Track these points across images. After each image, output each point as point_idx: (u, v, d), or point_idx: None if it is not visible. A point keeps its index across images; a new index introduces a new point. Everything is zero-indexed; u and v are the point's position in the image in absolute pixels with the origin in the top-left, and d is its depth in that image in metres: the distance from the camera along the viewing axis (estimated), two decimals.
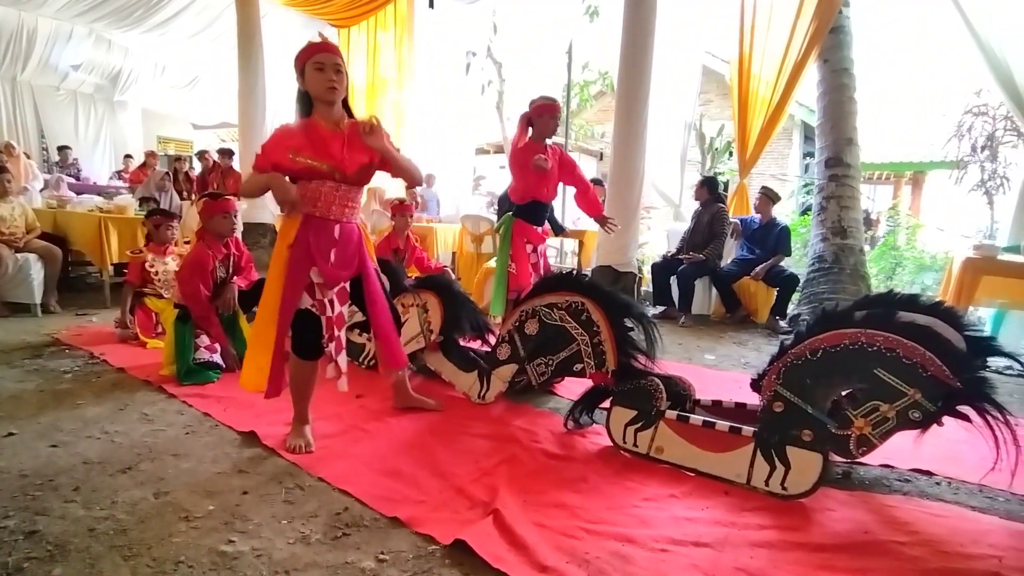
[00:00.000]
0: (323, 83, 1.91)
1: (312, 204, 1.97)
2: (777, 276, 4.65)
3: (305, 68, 1.92)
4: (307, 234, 1.96)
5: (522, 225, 3.07)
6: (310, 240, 1.96)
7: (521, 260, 3.04)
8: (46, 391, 2.59)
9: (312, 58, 1.91)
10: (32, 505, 1.65)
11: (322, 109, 1.96)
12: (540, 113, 2.95)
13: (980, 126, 7.36)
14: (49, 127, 8.97)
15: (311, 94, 1.94)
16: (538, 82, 7.85)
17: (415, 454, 2.06)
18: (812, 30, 4.84)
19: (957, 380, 1.70)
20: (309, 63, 1.91)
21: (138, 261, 3.56)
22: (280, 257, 1.98)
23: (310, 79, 1.91)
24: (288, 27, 7.86)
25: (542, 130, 2.98)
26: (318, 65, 1.90)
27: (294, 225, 1.97)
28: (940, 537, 1.61)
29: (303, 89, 1.95)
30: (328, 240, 2.00)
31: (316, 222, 1.98)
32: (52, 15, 7.57)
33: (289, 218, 1.98)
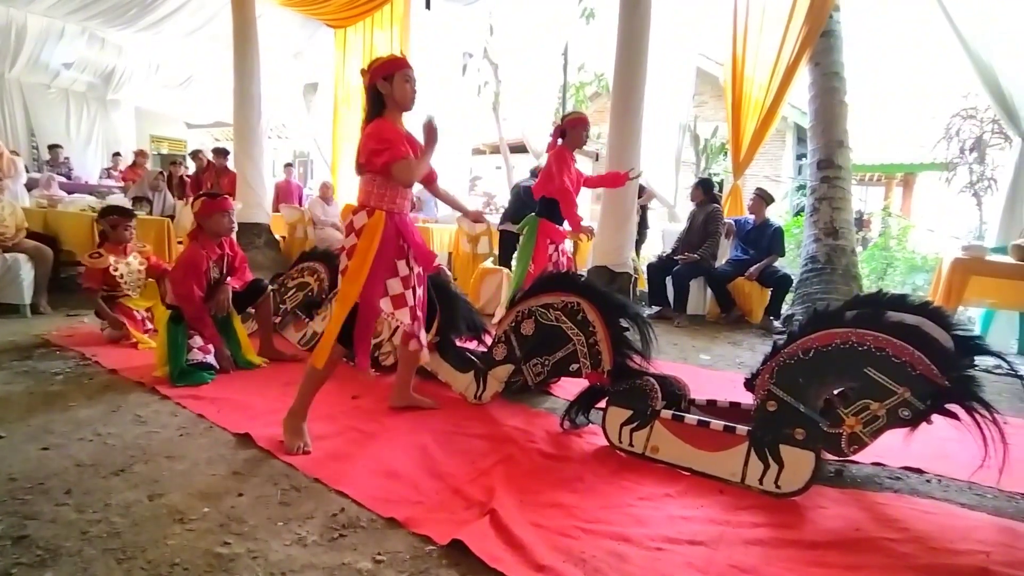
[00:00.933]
0: (411, 94, 2.14)
1: (392, 201, 2.13)
2: (771, 277, 4.69)
3: (394, 76, 2.10)
4: (393, 228, 2.12)
5: (546, 224, 3.27)
6: (400, 233, 2.14)
7: (540, 260, 3.22)
8: (36, 393, 2.57)
9: (404, 71, 2.12)
10: (21, 509, 1.63)
11: (395, 113, 2.15)
12: (574, 125, 3.29)
13: (968, 129, 7.44)
14: (39, 125, 8.87)
15: (396, 100, 2.12)
16: (534, 83, 7.86)
17: (412, 455, 2.06)
18: (804, 34, 4.89)
19: (945, 379, 1.72)
20: (399, 74, 2.11)
21: (98, 266, 3.45)
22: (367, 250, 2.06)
23: (399, 88, 2.11)
24: (283, 27, 7.84)
25: (574, 140, 3.29)
26: (407, 78, 2.12)
27: (379, 222, 2.08)
28: (930, 533, 1.63)
29: (383, 93, 2.11)
30: (408, 229, 2.18)
31: (397, 217, 2.14)
32: (43, 12, 7.49)
33: (376, 217, 2.09)
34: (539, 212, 3.31)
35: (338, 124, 7.63)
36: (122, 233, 3.55)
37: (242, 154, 6.26)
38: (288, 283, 3.82)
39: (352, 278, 2.08)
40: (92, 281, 3.47)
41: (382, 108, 2.14)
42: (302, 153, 12.57)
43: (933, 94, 11.35)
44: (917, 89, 12.65)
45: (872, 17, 15.04)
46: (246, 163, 6.21)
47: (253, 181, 6.20)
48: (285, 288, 3.80)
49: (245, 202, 5.88)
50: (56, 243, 4.48)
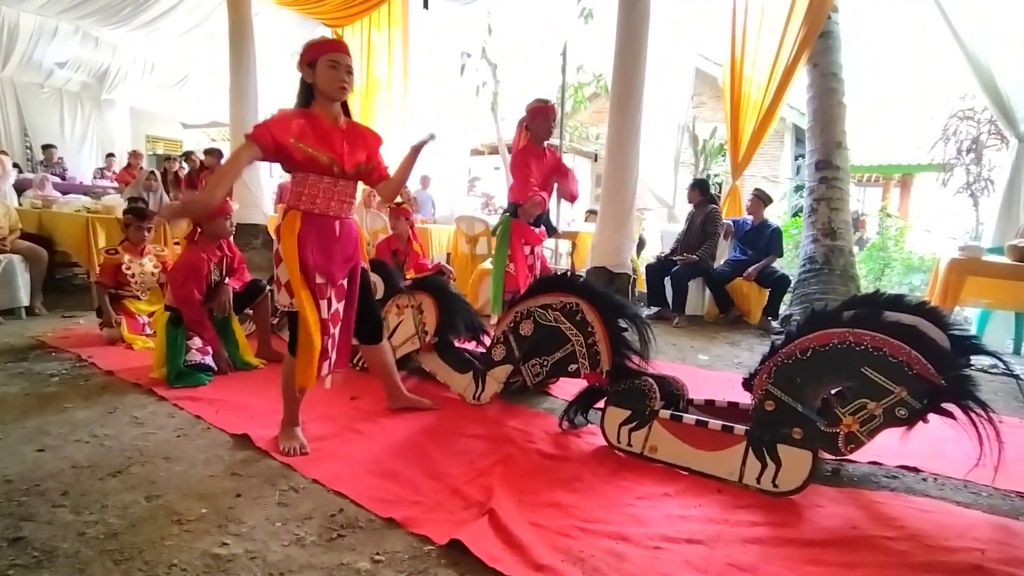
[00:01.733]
0: (336, 81, 1.93)
1: (311, 201, 1.97)
2: (769, 277, 4.70)
3: (318, 62, 1.92)
4: (309, 231, 1.96)
5: (520, 225, 3.12)
6: (312, 237, 1.97)
7: (519, 261, 3.09)
8: (32, 395, 2.56)
9: (327, 54, 1.92)
10: (17, 511, 1.63)
11: (324, 104, 1.98)
12: (534, 116, 3.05)
13: (965, 130, 7.48)
14: (33, 125, 8.82)
15: (319, 88, 1.95)
16: (533, 84, 7.87)
17: (410, 455, 2.06)
18: (802, 35, 4.90)
19: (942, 378, 1.73)
20: (323, 58, 1.92)
21: (113, 263, 3.50)
22: (290, 257, 1.94)
23: (322, 74, 1.92)
24: (281, 26, 7.81)
25: (537, 132, 3.06)
26: (332, 63, 1.92)
27: (294, 223, 1.95)
28: (926, 531, 1.64)
29: (308, 81, 1.95)
30: (330, 237, 2.01)
31: (317, 219, 1.98)
32: (35, 11, 7.44)
33: (290, 217, 1.96)
34: (512, 213, 3.15)
35: None
36: (135, 233, 3.57)
37: None
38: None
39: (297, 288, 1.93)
40: (105, 276, 3.49)
41: (309, 99, 1.96)
42: None
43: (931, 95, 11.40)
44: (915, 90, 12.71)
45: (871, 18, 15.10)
46: None
47: (250, 181, 6.18)
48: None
49: (242, 202, 5.86)
50: (51, 244, 4.46)
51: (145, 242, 3.63)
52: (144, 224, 3.61)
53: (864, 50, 16.56)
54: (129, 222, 3.59)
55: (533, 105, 3.07)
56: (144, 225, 3.60)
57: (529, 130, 3.07)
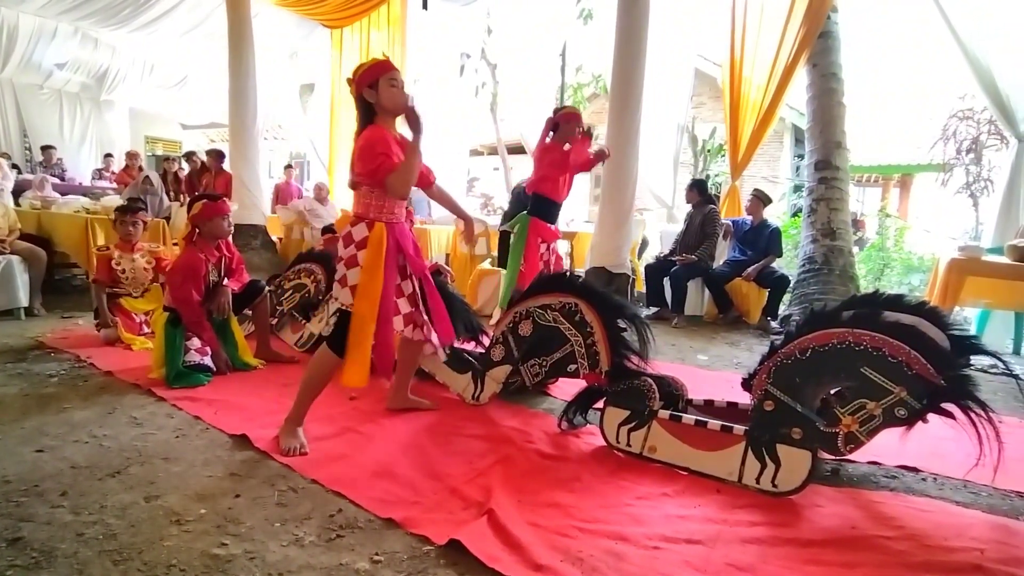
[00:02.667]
0: (400, 97, 2.06)
1: (390, 212, 2.10)
2: (768, 277, 4.70)
3: (379, 82, 2.03)
4: (394, 239, 2.10)
5: (537, 223, 3.24)
6: (399, 243, 2.12)
7: (532, 259, 3.18)
8: (31, 395, 2.56)
9: (388, 74, 2.05)
10: (16, 512, 1.62)
11: (388, 120, 2.10)
12: (567, 120, 3.24)
13: (965, 130, 7.47)
14: (32, 126, 8.82)
15: (383, 106, 2.06)
16: (532, 84, 7.86)
17: (409, 455, 2.06)
18: (801, 35, 4.90)
19: (941, 378, 1.73)
20: (384, 78, 2.04)
21: (104, 258, 3.51)
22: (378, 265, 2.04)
23: (386, 93, 2.04)
24: (280, 27, 7.82)
25: (566, 135, 3.23)
26: (393, 81, 2.05)
27: (382, 235, 2.06)
28: (925, 531, 1.64)
29: (371, 101, 2.05)
30: (405, 237, 2.16)
31: (394, 227, 2.11)
32: (35, 12, 7.44)
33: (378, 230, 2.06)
34: (530, 211, 3.29)
35: (335, 125, 7.62)
36: (124, 229, 3.57)
37: (237, 155, 6.23)
38: (285, 285, 3.81)
39: (365, 294, 2.05)
40: (100, 274, 3.50)
41: (373, 115, 2.08)
42: (298, 154, 12.54)
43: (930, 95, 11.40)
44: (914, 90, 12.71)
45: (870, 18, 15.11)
46: (242, 164, 6.19)
47: (249, 182, 6.18)
48: (282, 290, 3.79)
49: (241, 203, 5.86)
50: (50, 245, 4.46)
51: (134, 238, 3.62)
52: (129, 219, 3.60)
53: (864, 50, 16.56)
54: (116, 218, 3.60)
55: (567, 110, 3.33)
56: (129, 219, 3.59)
57: (558, 131, 3.24)
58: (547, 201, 3.26)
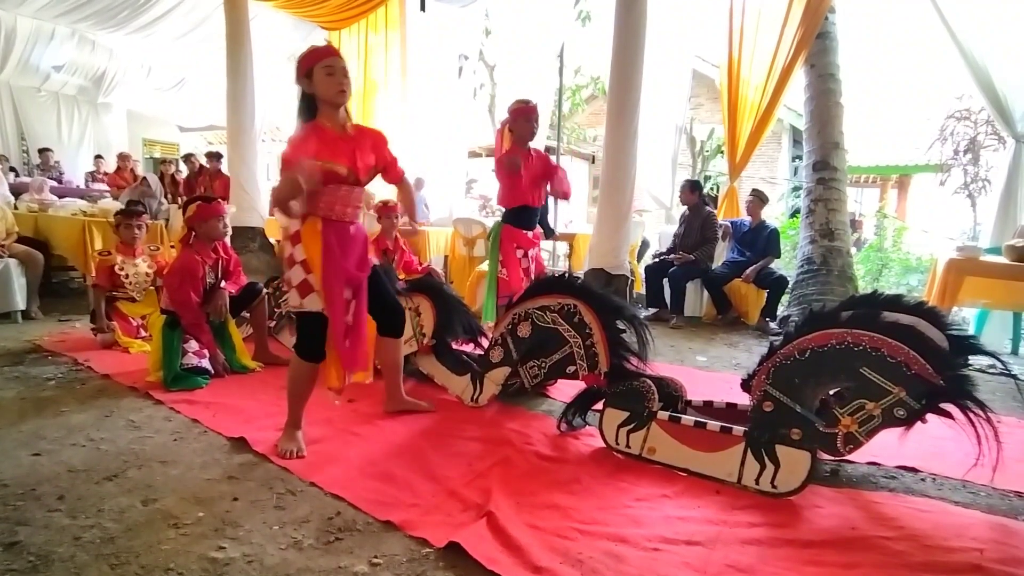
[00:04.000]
0: (334, 87, 1.94)
1: (329, 208, 2.00)
2: (767, 278, 4.70)
3: (313, 71, 1.93)
4: (330, 239, 1.99)
5: (511, 230, 3.11)
6: (334, 245, 1.99)
7: (511, 265, 3.07)
8: (28, 399, 2.55)
9: (321, 62, 1.93)
10: (13, 515, 1.62)
11: (329, 112, 1.99)
12: (516, 117, 3.01)
13: (962, 130, 7.49)
14: (30, 129, 8.80)
15: (320, 97, 1.96)
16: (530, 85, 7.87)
17: (408, 458, 2.06)
18: (799, 36, 4.91)
19: (940, 378, 1.73)
20: (318, 67, 1.93)
21: (106, 264, 3.49)
22: (313, 261, 1.98)
23: (320, 82, 1.93)
24: (278, 29, 7.81)
25: (521, 134, 3.02)
26: (328, 69, 1.93)
27: (315, 229, 1.98)
28: (924, 532, 1.64)
29: (308, 92, 1.96)
30: (347, 241, 2.05)
31: (335, 226, 2.02)
32: (32, 15, 7.43)
33: (311, 223, 1.98)
34: (503, 218, 3.15)
35: None
36: (126, 232, 3.56)
37: (236, 157, 6.22)
38: (283, 287, 3.80)
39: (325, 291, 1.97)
40: (100, 279, 3.48)
41: (313, 111, 1.97)
42: None
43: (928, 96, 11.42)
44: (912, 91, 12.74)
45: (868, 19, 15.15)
46: (240, 166, 6.18)
47: (247, 184, 6.17)
48: (280, 292, 3.78)
49: (239, 206, 5.85)
50: (47, 248, 4.45)
51: (137, 241, 3.61)
52: (134, 222, 3.59)
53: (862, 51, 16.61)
54: (119, 222, 3.58)
55: (515, 106, 3.03)
56: (134, 223, 3.58)
57: (512, 132, 3.03)
58: (518, 208, 3.09)
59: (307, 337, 2.07)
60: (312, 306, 2.01)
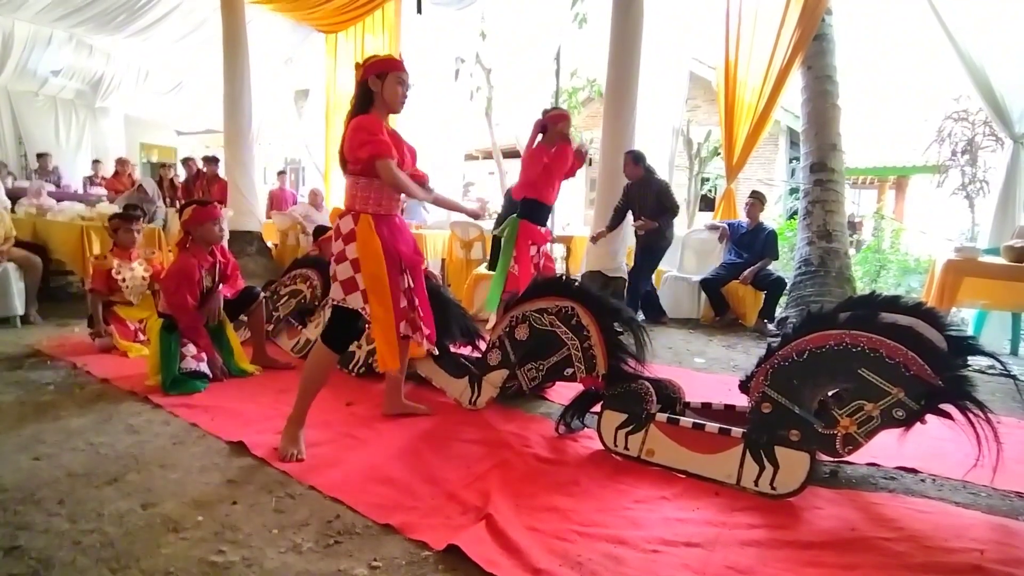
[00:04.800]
0: (401, 97, 2.10)
1: (378, 204, 2.10)
2: (764, 280, 4.70)
3: (387, 76, 2.06)
4: (383, 231, 2.09)
5: (527, 226, 3.23)
6: (387, 236, 2.10)
7: (524, 261, 3.16)
8: (27, 403, 2.54)
9: (398, 72, 2.09)
10: (13, 520, 1.61)
11: (382, 114, 2.12)
12: (555, 121, 3.22)
13: (960, 131, 7.50)
14: (28, 133, 8.79)
15: (385, 100, 2.08)
16: (527, 89, 7.90)
17: (407, 461, 2.05)
18: (796, 37, 4.93)
19: (939, 379, 1.73)
20: (393, 75, 2.08)
21: (103, 268, 3.48)
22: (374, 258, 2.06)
23: (391, 89, 2.07)
24: (274, 33, 7.83)
25: (554, 136, 3.23)
26: (401, 80, 2.09)
27: (369, 226, 2.06)
28: (924, 532, 1.64)
29: (373, 90, 2.07)
30: (399, 231, 2.17)
31: (384, 219, 2.12)
32: (29, 19, 7.43)
33: (365, 221, 2.07)
34: (520, 214, 3.29)
35: (330, 130, 7.63)
36: (124, 237, 3.55)
37: (233, 161, 6.24)
38: (281, 290, 3.80)
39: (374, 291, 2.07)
40: (97, 283, 3.47)
41: (369, 105, 2.10)
42: (293, 160, 12.54)
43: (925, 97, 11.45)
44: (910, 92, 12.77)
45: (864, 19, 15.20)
46: (237, 170, 6.20)
47: (244, 188, 6.18)
48: (278, 295, 3.78)
49: (236, 209, 5.87)
50: (45, 252, 4.44)
51: (134, 245, 3.61)
52: (133, 226, 3.59)
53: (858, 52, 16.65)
54: (117, 226, 3.57)
55: (555, 112, 3.31)
56: (133, 227, 3.58)
57: (545, 132, 3.22)
58: (536, 204, 3.26)
59: (339, 328, 2.14)
60: (354, 303, 2.10)
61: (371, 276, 2.07)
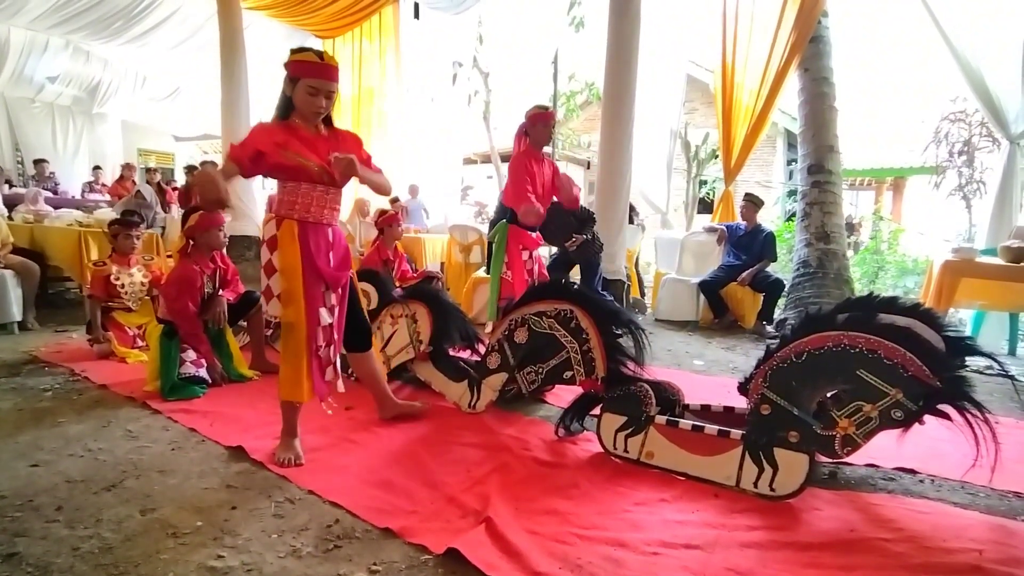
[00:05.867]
0: (312, 106, 1.95)
1: (305, 210, 1.99)
2: (763, 281, 4.71)
3: (298, 83, 1.93)
4: (307, 240, 1.98)
5: (516, 231, 3.16)
6: (311, 246, 1.98)
7: (516, 267, 3.11)
8: (25, 410, 2.54)
9: (308, 79, 1.92)
10: (11, 527, 1.61)
11: (303, 118, 2.00)
12: (534, 123, 3.09)
13: (957, 132, 7.54)
14: (25, 140, 8.79)
15: (297, 106, 1.97)
16: (524, 92, 7.92)
17: (406, 464, 2.05)
18: (792, 40, 4.96)
19: (937, 379, 1.73)
20: (303, 82, 1.92)
21: (102, 274, 3.48)
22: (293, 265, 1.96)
23: (301, 97, 1.94)
24: (271, 38, 7.84)
25: (537, 138, 3.12)
26: (312, 90, 1.92)
27: (291, 232, 1.97)
28: (923, 533, 1.64)
29: (288, 95, 1.96)
30: (326, 244, 2.04)
31: (311, 227, 2.00)
32: (26, 26, 7.43)
33: (286, 226, 1.97)
34: (509, 219, 3.20)
35: None
36: (124, 243, 3.55)
37: None
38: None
39: (289, 300, 1.96)
40: (96, 289, 3.46)
41: (290, 110, 1.97)
42: None
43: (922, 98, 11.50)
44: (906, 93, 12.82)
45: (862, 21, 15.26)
46: None
47: (242, 193, 6.18)
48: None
49: (234, 214, 5.86)
50: (43, 259, 4.43)
51: (134, 251, 3.61)
52: (133, 232, 3.59)
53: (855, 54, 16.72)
54: (117, 232, 3.57)
55: (533, 111, 3.12)
56: (133, 233, 3.58)
57: (529, 136, 3.12)
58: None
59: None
60: (272, 311, 2.02)
61: (287, 282, 1.97)
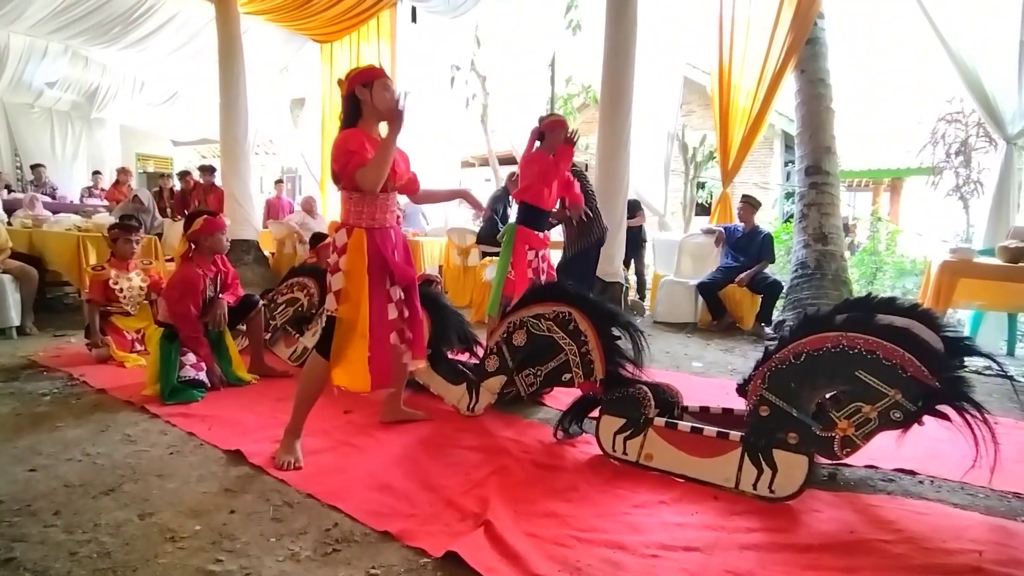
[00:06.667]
0: (391, 102, 2.07)
1: (371, 217, 2.09)
2: (761, 283, 4.71)
3: (374, 84, 2.06)
4: (375, 245, 2.08)
5: (524, 231, 3.23)
6: (380, 249, 2.09)
7: (519, 267, 3.16)
8: (23, 414, 2.53)
9: (381, 79, 2.09)
10: (8, 531, 1.61)
11: (372, 124, 2.11)
12: (552, 128, 3.22)
13: (954, 133, 7.56)
14: (23, 145, 8.79)
15: (377, 107, 2.07)
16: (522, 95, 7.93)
17: (405, 468, 2.05)
18: (789, 41, 4.97)
19: (936, 380, 1.74)
20: (379, 82, 2.08)
21: (100, 279, 3.49)
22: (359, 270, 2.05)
23: (379, 96, 2.06)
24: (269, 43, 7.85)
25: (552, 143, 3.22)
26: (386, 86, 2.09)
27: (361, 241, 2.06)
28: (923, 534, 1.64)
29: (361, 99, 2.07)
30: (391, 244, 2.14)
31: (378, 233, 2.10)
32: (25, 32, 7.44)
33: (357, 236, 2.06)
34: (518, 219, 3.29)
35: (326, 139, 7.65)
36: (123, 247, 3.56)
37: (229, 171, 6.24)
38: (278, 299, 3.80)
39: (347, 299, 2.05)
40: (95, 294, 3.46)
41: (357, 117, 2.10)
42: (290, 169, 12.55)
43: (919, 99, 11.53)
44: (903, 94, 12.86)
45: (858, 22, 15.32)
46: (233, 179, 6.20)
47: (241, 197, 6.18)
48: (275, 304, 3.78)
49: (233, 218, 5.85)
50: (41, 263, 4.43)
51: (133, 256, 3.61)
52: (132, 236, 3.59)
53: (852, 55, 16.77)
54: (116, 236, 3.57)
55: (551, 118, 3.29)
56: (133, 238, 3.59)
57: (543, 140, 3.23)
58: (534, 209, 3.24)
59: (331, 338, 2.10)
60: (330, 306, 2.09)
61: (350, 283, 2.06)
